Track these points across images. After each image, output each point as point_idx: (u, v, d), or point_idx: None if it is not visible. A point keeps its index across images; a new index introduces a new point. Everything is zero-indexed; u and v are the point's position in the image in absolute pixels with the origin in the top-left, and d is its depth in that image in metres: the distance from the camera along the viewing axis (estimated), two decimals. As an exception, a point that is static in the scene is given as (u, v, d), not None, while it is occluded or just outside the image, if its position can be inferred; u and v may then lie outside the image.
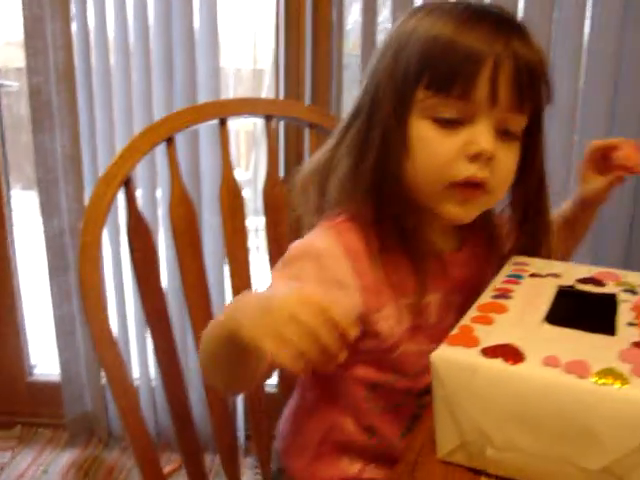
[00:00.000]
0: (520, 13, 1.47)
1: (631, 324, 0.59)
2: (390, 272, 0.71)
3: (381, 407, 0.79)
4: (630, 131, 1.49)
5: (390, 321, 0.72)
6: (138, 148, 0.91)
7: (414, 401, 0.79)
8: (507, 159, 0.70)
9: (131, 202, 0.90)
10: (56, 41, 1.57)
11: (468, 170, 0.67)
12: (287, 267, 0.72)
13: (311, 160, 0.79)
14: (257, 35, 3.87)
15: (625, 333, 0.57)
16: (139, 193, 1.69)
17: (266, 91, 3.26)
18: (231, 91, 3.31)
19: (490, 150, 0.67)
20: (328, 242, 0.71)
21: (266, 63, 3.41)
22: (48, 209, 1.69)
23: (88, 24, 1.61)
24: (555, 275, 0.71)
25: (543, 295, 0.65)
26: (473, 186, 0.69)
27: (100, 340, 0.85)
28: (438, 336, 0.61)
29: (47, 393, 1.93)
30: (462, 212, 0.71)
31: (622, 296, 0.66)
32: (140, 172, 1.67)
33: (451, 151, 0.67)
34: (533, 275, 0.71)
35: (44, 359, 2.01)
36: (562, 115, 1.48)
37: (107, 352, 0.85)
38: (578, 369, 0.50)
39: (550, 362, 0.51)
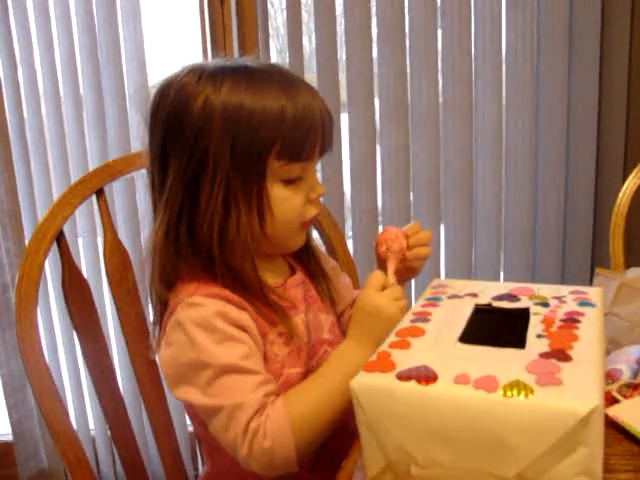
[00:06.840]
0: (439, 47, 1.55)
1: (540, 336, 0.62)
2: (255, 309, 0.79)
3: None
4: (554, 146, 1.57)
5: (274, 346, 0.80)
6: (68, 202, 0.92)
7: None
8: None
9: (65, 256, 0.91)
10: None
11: (312, 211, 0.83)
12: (210, 346, 0.73)
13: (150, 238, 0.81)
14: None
15: (533, 345, 0.60)
16: (80, 242, 1.69)
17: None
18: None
19: (324, 191, 0.83)
20: (209, 305, 0.75)
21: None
22: (-12, 267, 1.67)
23: (18, 79, 1.62)
24: (473, 294, 0.75)
25: (461, 315, 0.69)
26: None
27: (41, 394, 0.86)
28: (314, 353, 0.84)
29: (-1, 454, 1.89)
30: (302, 239, 0.86)
31: (534, 309, 0.70)
32: (80, 220, 1.67)
33: (301, 201, 0.80)
34: (452, 296, 0.75)
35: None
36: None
37: (49, 406, 0.86)
38: (487, 384, 0.53)
39: (460, 380, 0.54)
